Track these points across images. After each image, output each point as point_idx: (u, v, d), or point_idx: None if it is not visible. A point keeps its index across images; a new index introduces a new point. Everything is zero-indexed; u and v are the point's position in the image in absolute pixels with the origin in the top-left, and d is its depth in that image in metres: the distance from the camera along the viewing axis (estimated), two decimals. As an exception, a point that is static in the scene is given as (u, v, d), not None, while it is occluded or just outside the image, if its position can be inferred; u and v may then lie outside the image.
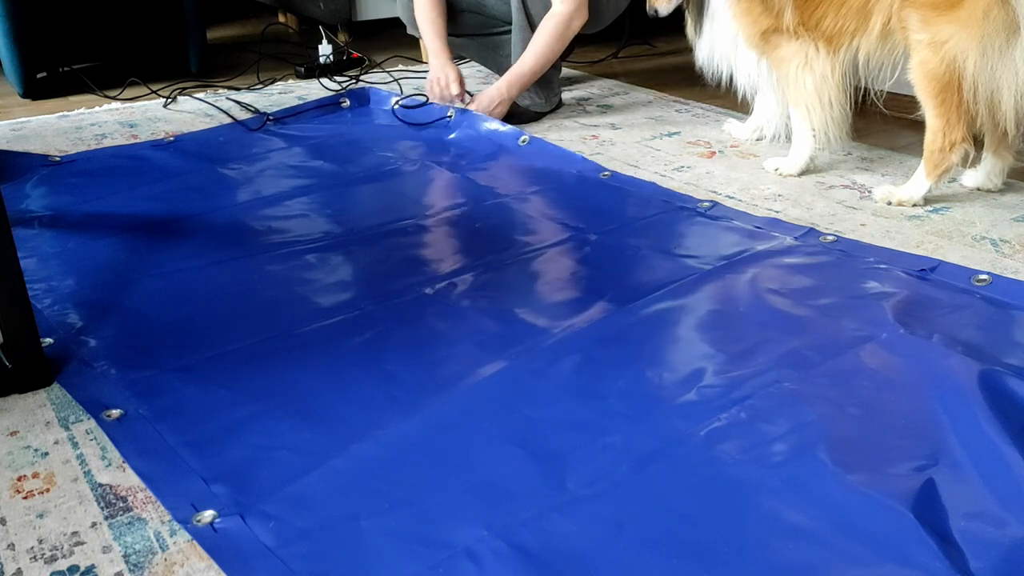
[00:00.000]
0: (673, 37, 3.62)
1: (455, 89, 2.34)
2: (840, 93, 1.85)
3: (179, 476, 1.02)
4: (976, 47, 1.55)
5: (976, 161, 1.79)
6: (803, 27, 1.80)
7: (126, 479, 1.02)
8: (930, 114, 1.69)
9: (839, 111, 1.86)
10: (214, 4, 3.97)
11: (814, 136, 1.90)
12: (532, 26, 2.30)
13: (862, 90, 1.91)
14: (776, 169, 1.96)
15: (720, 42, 2.02)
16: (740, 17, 1.89)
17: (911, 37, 1.65)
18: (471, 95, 2.39)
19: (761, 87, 2.03)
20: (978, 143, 1.75)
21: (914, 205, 1.75)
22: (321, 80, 2.72)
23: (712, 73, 2.10)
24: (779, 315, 1.35)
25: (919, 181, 1.75)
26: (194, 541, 0.92)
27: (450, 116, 2.30)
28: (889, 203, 1.77)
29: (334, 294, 1.44)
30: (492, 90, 2.31)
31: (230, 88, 2.71)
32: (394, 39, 3.30)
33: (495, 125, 2.24)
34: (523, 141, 2.13)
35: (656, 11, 2.12)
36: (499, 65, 2.48)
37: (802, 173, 1.94)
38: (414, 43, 3.13)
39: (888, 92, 1.90)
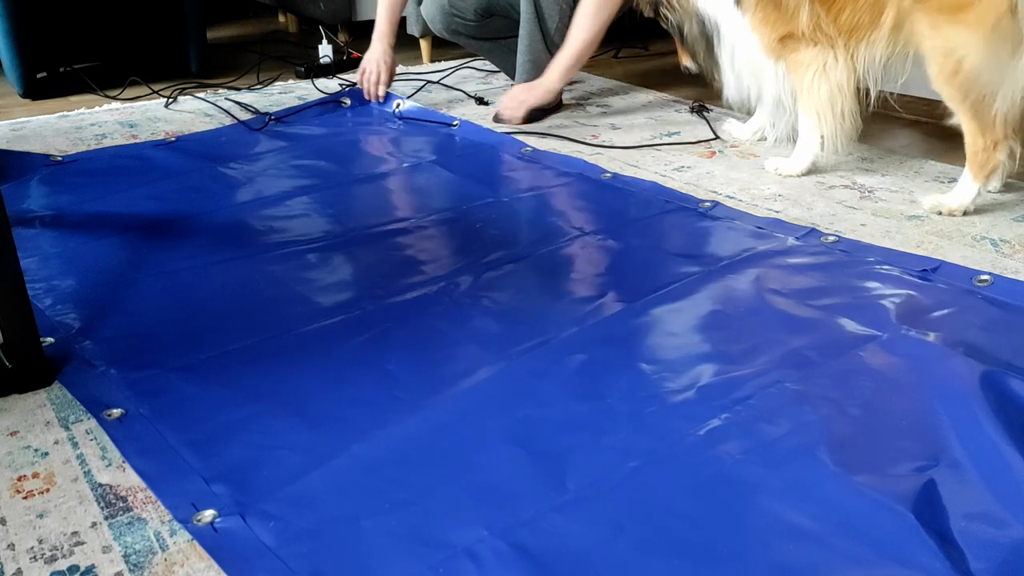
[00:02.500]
0: (671, 37, 3.62)
1: (381, 91, 2.47)
2: (854, 103, 1.84)
3: (179, 476, 1.02)
4: (982, 53, 1.54)
5: None
6: (819, 29, 1.79)
7: (126, 479, 1.02)
8: (963, 118, 1.65)
9: (850, 122, 1.86)
10: (214, 4, 3.98)
11: (822, 143, 1.90)
12: (540, 16, 2.29)
13: (877, 95, 1.89)
14: (776, 169, 1.96)
15: (746, 66, 1.99)
16: (759, 27, 1.88)
17: (924, 43, 1.64)
18: (397, 97, 2.46)
19: (766, 94, 2.02)
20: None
21: (965, 213, 1.70)
22: (316, 82, 2.72)
23: (743, 100, 2.07)
24: (780, 315, 1.35)
25: (967, 186, 1.69)
26: (194, 541, 0.92)
27: (455, 125, 2.30)
28: (939, 213, 1.71)
29: (334, 294, 1.44)
30: (528, 90, 2.26)
31: (230, 88, 2.71)
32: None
33: (502, 130, 2.25)
34: (526, 151, 2.13)
35: (687, 68, 2.17)
36: (514, 65, 2.46)
37: (802, 175, 1.94)
38: (414, 43, 3.14)
39: (888, 92, 1.90)
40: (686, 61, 2.19)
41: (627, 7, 2.40)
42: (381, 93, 2.47)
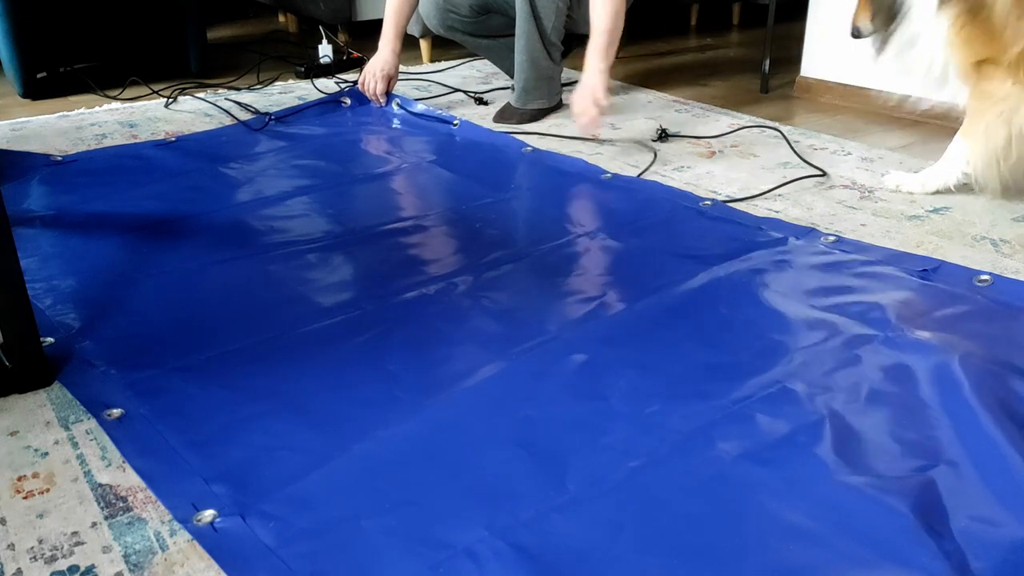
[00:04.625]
0: (671, 38, 3.63)
1: (381, 100, 2.49)
2: None
3: (179, 476, 1.02)
4: None
5: None
6: None
7: (126, 479, 1.02)
8: None
9: (1017, 170, 1.69)
10: (214, 4, 3.98)
11: (966, 179, 1.76)
12: (536, 16, 2.29)
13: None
14: (898, 186, 1.84)
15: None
16: (958, 45, 1.66)
17: None
18: (396, 97, 2.48)
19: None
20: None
21: None
22: (316, 82, 2.72)
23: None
24: (780, 315, 1.35)
25: None
26: (194, 541, 0.92)
27: (455, 125, 2.30)
28: None
29: (335, 294, 1.44)
30: (584, 85, 2.11)
31: (230, 88, 2.71)
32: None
33: (502, 128, 2.27)
34: (526, 151, 2.13)
35: (859, 30, 1.83)
36: (512, 64, 2.46)
37: (926, 194, 1.82)
38: (414, 43, 3.14)
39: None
40: (862, 20, 1.82)
41: None
42: (381, 102, 2.48)
